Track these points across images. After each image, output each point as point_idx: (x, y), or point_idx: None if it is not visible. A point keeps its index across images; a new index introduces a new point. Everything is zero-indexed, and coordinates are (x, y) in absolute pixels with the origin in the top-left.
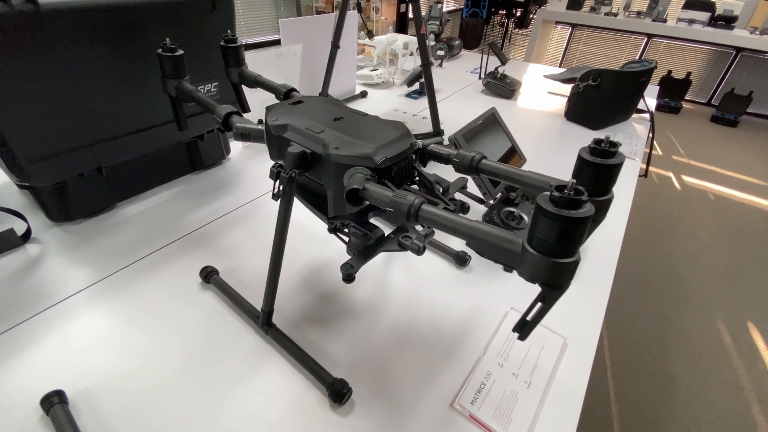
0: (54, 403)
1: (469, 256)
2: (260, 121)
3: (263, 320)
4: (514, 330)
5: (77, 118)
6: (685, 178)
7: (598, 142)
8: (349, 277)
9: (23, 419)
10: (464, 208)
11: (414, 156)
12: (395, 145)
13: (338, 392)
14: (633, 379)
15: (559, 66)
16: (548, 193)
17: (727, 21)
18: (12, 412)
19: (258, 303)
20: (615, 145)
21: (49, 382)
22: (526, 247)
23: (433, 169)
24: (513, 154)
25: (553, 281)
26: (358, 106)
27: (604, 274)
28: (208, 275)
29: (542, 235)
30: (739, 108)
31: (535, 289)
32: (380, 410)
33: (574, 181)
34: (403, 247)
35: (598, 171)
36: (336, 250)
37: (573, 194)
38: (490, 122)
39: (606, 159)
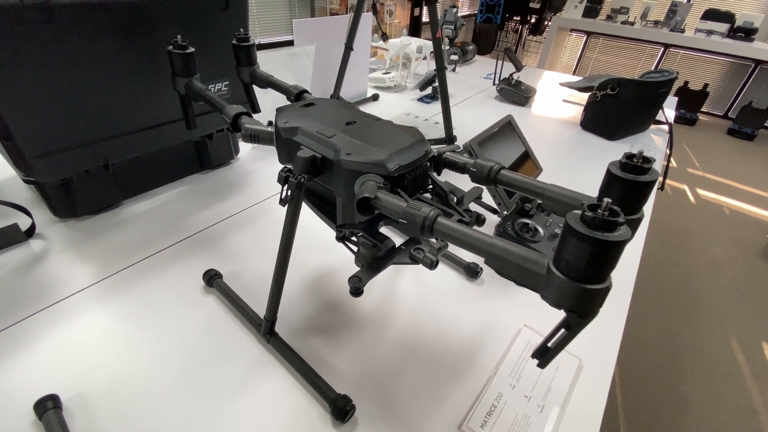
0: (47, 408)
1: (481, 268)
2: (270, 123)
3: (265, 329)
4: (533, 356)
5: (85, 113)
6: (700, 192)
7: (629, 156)
8: (357, 290)
9: (15, 422)
10: (480, 220)
11: (428, 164)
12: (409, 152)
13: (341, 409)
14: (643, 398)
15: (573, 74)
16: (579, 211)
17: (747, 33)
18: (5, 414)
19: (261, 309)
20: (648, 160)
21: (44, 384)
22: (552, 269)
23: (445, 176)
24: (526, 159)
25: (581, 308)
26: (369, 109)
27: (621, 293)
28: (212, 279)
29: (571, 258)
30: (756, 121)
31: (550, 308)
32: (385, 430)
33: (609, 200)
34: (414, 261)
35: (629, 188)
36: (343, 257)
37: (608, 215)
38: (506, 129)
39: (638, 176)
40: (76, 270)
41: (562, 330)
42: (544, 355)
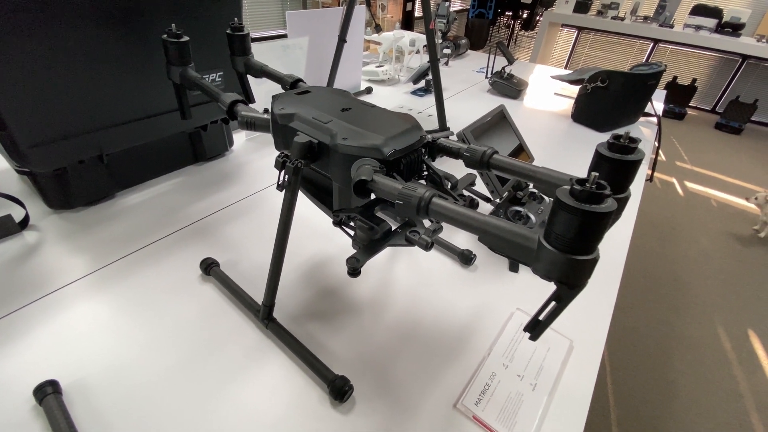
0: (47, 393)
1: (474, 255)
2: (266, 111)
3: (264, 314)
4: (525, 329)
5: (79, 103)
6: (689, 184)
7: (617, 137)
8: (354, 271)
9: (16, 408)
10: (473, 204)
11: (423, 149)
12: (404, 137)
13: (339, 390)
14: (633, 384)
15: (565, 69)
16: (568, 186)
17: (734, 28)
18: (4, 400)
19: (259, 297)
20: (635, 140)
21: (43, 372)
22: (542, 242)
23: (441, 165)
24: (521, 152)
25: (571, 279)
26: None
27: (611, 276)
28: (209, 267)
29: (560, 231)
30: (743, 116)
31: (542, 291)
32: (382, 409)
33: (596, 174)
34: (410, 242)
35: (616, 167)
36: (339, 244)
37: (595, 188)
38: (499, 119)
39: (625, 155)
40: (71, 261)
41: (553, 303)
42: (535, 328)
